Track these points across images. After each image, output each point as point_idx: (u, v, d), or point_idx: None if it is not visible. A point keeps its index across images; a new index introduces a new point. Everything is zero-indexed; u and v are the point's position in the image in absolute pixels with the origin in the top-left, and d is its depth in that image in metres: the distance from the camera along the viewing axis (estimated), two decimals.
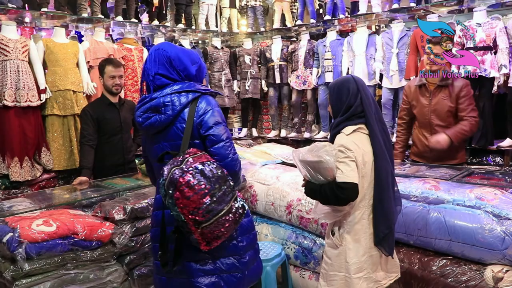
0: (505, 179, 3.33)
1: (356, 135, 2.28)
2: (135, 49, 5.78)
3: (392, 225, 2.34)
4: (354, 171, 2.19)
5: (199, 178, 1.82)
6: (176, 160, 1.88)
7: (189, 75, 2.13)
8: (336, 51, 6.15)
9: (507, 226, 2.50)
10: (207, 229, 1.84)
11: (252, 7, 7.67)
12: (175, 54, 2.11)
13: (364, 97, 2.32)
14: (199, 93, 2.08)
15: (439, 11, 5.65)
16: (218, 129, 2.03)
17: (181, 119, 2.03)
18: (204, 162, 1.88)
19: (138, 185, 3.29)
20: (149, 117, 2.05)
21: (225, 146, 2.03)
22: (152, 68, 2.08)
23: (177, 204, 1.81)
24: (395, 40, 5.55)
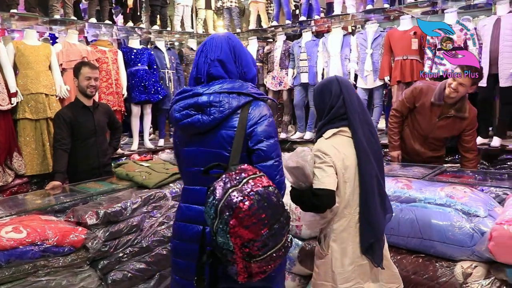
0: (474, 177, 3.41)
1: (337, 139, 2.18)
2: (109, 51, 5.73)
3: (379, 234, 2.18)
4: (331, 177, 2.08)
5: (260, 206, 1.55)
6: (231, 178, 1.61)
7: (248, 73, 1.90)
8: (311, 52, 6.21)
9: (476, 223, 2.56)
10: (257, 263, 1.61)
11: (228, 8, 7.71)
12: (240, 46, 1.89)
13: (347, 98, 2.20)
14: (252, 98, 1.80)
15: (413, 12, 5.77)
16: (269, 144, 1.76)
17: (229, 125, 1.76)
18: (267, 186, 1.60)
19: (112, 189, 3.26)
20: (189, 115, 1.79)
21: (274, 165, 1.76)
22: (213, 53, 1.82)
23: (231, 232, 1.55)
24: (369, 41, 5.63)
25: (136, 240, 2.85)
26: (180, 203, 1.95)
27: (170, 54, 6.56)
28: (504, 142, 4.97)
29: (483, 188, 3.05)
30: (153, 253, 2.89)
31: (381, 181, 2.22)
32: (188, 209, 1.89)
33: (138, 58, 6.01)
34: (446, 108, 3.65)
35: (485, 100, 4.94)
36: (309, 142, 6.37)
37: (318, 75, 6.13)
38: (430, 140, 3.79)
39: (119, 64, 5.81)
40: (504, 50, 4.61)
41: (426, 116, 3.73)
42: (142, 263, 2.81)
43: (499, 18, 4.74)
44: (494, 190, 3.04)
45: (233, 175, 1.62)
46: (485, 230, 2.49)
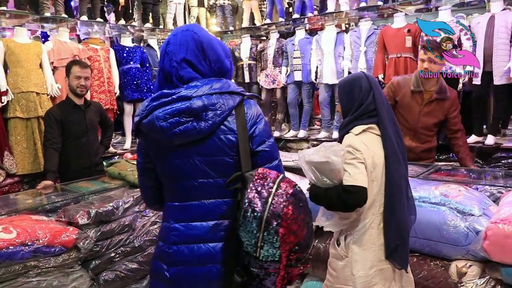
0: (469, 175, 3.41)
1: (366, 135, 2.11)
2: (101, 49, 5.70)
3: (406, 235, 2.11)
4: (363, 174, 2.00)
5: (298, 207, 1.49)
6: (262, 185, 1.50)
7: (222, 69, 1.69)
8: (305, 50, 6.20)
9: (470, 222, 2.56)
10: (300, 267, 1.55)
11: (220, 6, 7.70)
12: (208, 40, 1.66)
13: (378, 94, 2.15)
14: (242, 96, 1.65)
15: (406, 10, 5.78)
16: (271, 144, 1.65)
17: (226, 128, 1.59)
18: (294, 185, 1.53)
19: (104, 188, 3.24)
20: (181, 122, 1.55)
21: (279, 165, 1.67)
22: (178, 53, 1.61)
23: (281, 241, 1.46)
24: (363, 39, 5.63)
25: (128, 239, 2.83)
26: (171, 224, 1.66)
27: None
28: (498, 140, 4.99)
29: (477, 186, 3.05)
30: (146, 252, 2.88)
31: (408, 182, 2.18)
32: (188, 228, 1.63)
33: (130, 56, 5.99)
34: (427, 94, 3.68)
35: (479, 98, 4.95)
36: (303, 140, 6.38)
37: (311, 73, 6.13)
38: (419, 132, 3.77)
39: (111, 62, 5.79)
40: (498, 48, 4.62)
41: (409, 108, 3.73)
42: (134, 263, 2.80)
43: (493, 15, 4.74)
44: (488, 188, 3.04)
45: (260, 182, 1.51)
46: (480, 229, 2.49)
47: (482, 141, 4.96)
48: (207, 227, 1.61)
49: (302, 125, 6.45)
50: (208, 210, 1.61)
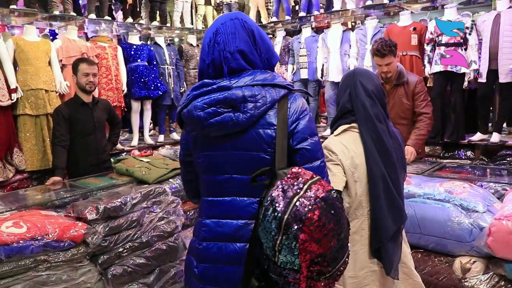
0: (474, 172, 3.42)
1: (347, 135, 2.09)
2: (109, 47, 5.72)
3: (384, 239, 2.00)
4: (336, 176, 1.97)
5: (327, 214, 1.32)
6: (289, 185, 1.36)
7: (271, 60, 1.61)
8: (311, 48, 6.21)
9: (475, 218, 2.57)
10: (326, 281, 1.38)
11: (227, 4, 7.70)
12: (257, 29, 1.57)
13: (353, 91, 2.08)
14: (288, 90, 1.54)
15: (412, 8, 5.76)
16: (314, 142, 1.52)
17: (265, 122, 1.50)
18: (329, 191, 1.36)
19: (112, 184, 3.26)
20: (218, 113, 1.48)
21: (321, 166, 1.53)
22: (231, 43, 1.51)
23: (301, 248, 1.30)
24: (369, 37, 5.62)
25: (136, 235, 2.84)
26: (204, 220, 1.62)
27: (170, 50, 6.53)
28: (503, 138, 4.98)
29: (482, 183, 3.06)
30: (153, 248, 2.89)
31: (390, 183, 2.01)
32: (218, 225, 1.58)
33: (137, 54, 6.00)
34: (388, 85, 3.68)
35: (484, 96, 4.95)
36: None
37: (317, 71, 6.13)
38: (396, 122, 3.75)
39: (119, 60, 5.81)
40: (504, 46, 4.60)
41: None
42: (142, 258, 2.81)
43: (499, 13, 4.72)
44: (493, 185, 3.04)
45: (290, 181, 1.37)
46: (484, 226, 2.50)
47: (487, 138, 4.97)
48: (237, 225, 1.54)
49: None
50: (240, 207, 1.54)
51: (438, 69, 4.88)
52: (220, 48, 1.52)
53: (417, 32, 5.16)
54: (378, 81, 2.17)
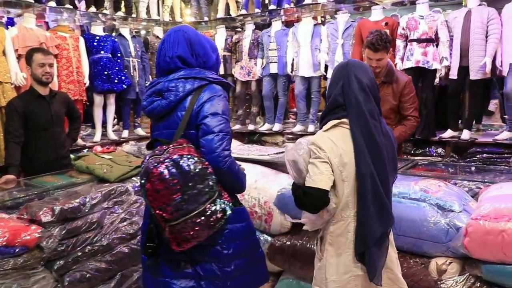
0: (447, 170, 3.38)
1: (336, 131, 1.97)
2: (70, 37, 5.45)
3: (370, 243, 1.91)
4: (324, 175, 1.89)
5: (173, 172, 1.73)
6: (159, 150, 1.81)
7: (208, 62, 2.05)
8: (281, 42, 6.10)
9: (451, 218, 2.51)
10: (175, 228, 1.76)
11: None
12: (196, 37, 2.03)
13: (346, 84, 1.96)
14: (207, 81, 1.97)
15: (384, 3, 5.72)
16: (213, 120, 1.89)
17: (183, 106, 1.93)
18: (184, 155, 1.77)
19: (71, 183, 3.07)
20: (152, 101, 1.99)
21: (215, 139, 1.87)
22: (171, 50, 1.98)
23: (147, 195, 1.77)
24: (340, 31, 5.55)
25: (96, 238, 2.69)
26: None
27: (135, 42, 6.34)
28: (473, 135, 4.99)
29: (456, 182, 3.01)
30: (114, 251, 2.74)
31: (378, 183, 1.90)
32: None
33: (101, 45, 5.76)
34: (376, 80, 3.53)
35: (455, 93, 4.96)
36: (278, 134, 6.28)
37: (287, 65, 6.03)
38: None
39: (81, 51, 5.56)
40: (475, 43, 4.61)
41: None
42: (102, 262, 2.66)
43: (470, 10, 4.73)
44: (467, 184, 3.00)
45: (163, 147, 1.82)
46: (460, 226, 2.44)
47: (458, 135, 4.97)
48: None
49: (277, 118, 6.35)
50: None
51: (410, 65, 4.85)
52: (163, 53, 2.00)
53: (389, 27, 5.11)
54: (372, 74, 2.06)
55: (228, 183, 1.95)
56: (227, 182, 1.94)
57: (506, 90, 4.56)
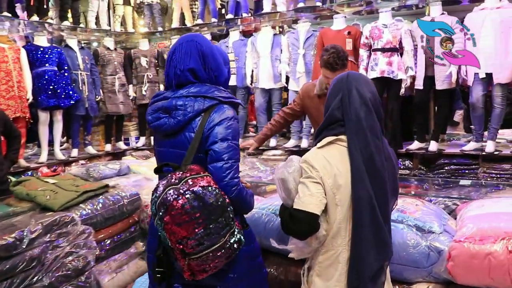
0: (421, 186, 3.25)
1: (332, 149, 1.79)
2: (9, 48, 5.06)
3: (366, 278, 1.71)
4: (314, 197, 1.72)
5: (195, 205, 1.68)
6: (174, 177, 1.74)
7: (219, 76, 1.98)
8: (239, 52, 5.92)
9: (431, 240, 2.36)
10: (195, 261, 1.73)
11: (148, 4, 7.33)
12: (210, 50, 1.95)
13: (346, 97, 1.79)
14: (217, 101, 1.89)
15: (345, 12, 5.64)
16: (222, 146, 1.82)
17: (191, 127, 1.87)
18: (205, 186, 1.72)
19: (7, 214, 2.73)
20: (159, 117, 1.92)
21: (224, 167, 1.81)
22: (182, 62, 1.90)
23: (165, 228, 1.70)
24: (301, 41, 5.41)
25: (36, 277, 2.38)
26: None
27: (84, 53, 6.05)
28: (440, 146, 4.93)
29: (431, 198, 2.89)
30: None
31: (377, 210, 1.71)
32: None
33: (45, 57, 5.41)
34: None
35: (421, 103, 4.89)
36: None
37: (246, 77, 5.85)
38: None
39: (22, 64, 5.18)
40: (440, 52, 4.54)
41: (317, 109, 3.32)
42: None
43: (433, 19, 4.68)
44: (442, 200, 2.89)
45: (178, 175, 1.74)
46: (442, 248, 2.31)
47: (425, 147, 4.90)
48: None
49: None
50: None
51: (374, 75, 4.75)
52: (174, 65, 1.92)
53: (352, 36, 5.02)
54: (375, 87, 1.88)
55: (237, 209, 1.88)
56: (235, 208, 1.86)
57: (471, 100, 4.53)
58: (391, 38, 4.76)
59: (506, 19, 4.29)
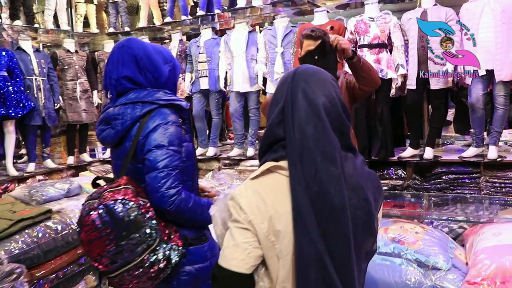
0: (420, 204, 2.80)
1: (270, 180, 1.29)
2: None
3: None
4: (240, 249, 1.24)
5: (106, 219, 1.62)
6: (97, 192, 1.74)
7: (159, 78, 1.88)
8: (211, 52, 5.47)
9: (437, 279, 1.94)
10: (113, 280, 1.68)
11: (113, 2, 6.89)
12: (143, 52, 1.86)
13: (289, 106, 1.28)
14: (156, 105, 1.79)
15: (327, 6, 5.25)
16: (157, 154, 1.72)
17: (130, 136, 1.79)
18: (118, 200, 1.64)
19: None
20: (102, 129, 1.87)
21: (158, 176, 1.70)
22: (115, 70, 1.84)
23: (83, 245, 1.70)
24: (279, 38, 4.97)
25: None
26: None
27: (40, 57, 5.58)
28: (436, 152, 4.55)
29: (432, 221, 2.45)
30: None
31: (330, 271, 1.18)
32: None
33: None
34: None
35: (414, 105, 4.47)
36: (213, 159, 5.59)
37: (220, 80, 5.39)
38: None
39: None
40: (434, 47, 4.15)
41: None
42: None
43: (425, 10, 4.31)
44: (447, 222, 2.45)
45: (101, 189, 1.72)
46: None
47: (420, 154, 4.50)
48: None
49: (212, 141, 5.66)
50: None
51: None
52: (108, 75, 1.87)
53: (335, 31, 4.56)
54: (337, 87, 1.35)
55: (182, 222, 1.78)
56: (180, 221, 1.77)
57: (471, 100, 4.13)
58: (378, 32, 4.34)
59: (508, 8, 3.90)
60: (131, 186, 1.71)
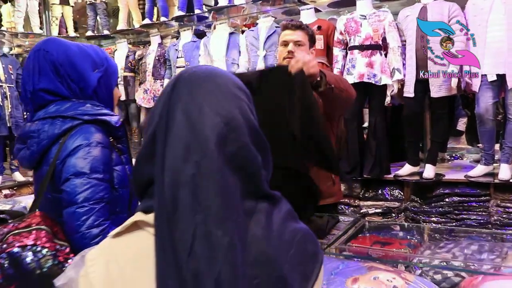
0: (408, 241, 2.28)
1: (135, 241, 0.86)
2: None
3: None
4: None
5: (9, 272, 1.31)
6: (1, 231, 1.41)
7: (86, 89, 1.63)
8: (190, 57, 5.07)
9: None
10: None
11: (91, 3, 6.56)
12: (64, 57, 1.60)
13: (163, 131, 0.81)
14: (80, 121, 1.54)
15: (317, 4, 4.80)
16: (76, 183, 1.46)
17: (48, 159, 1.54)
18: (28, 246, 1.34)
19: None
20: (19, 149, 1.62)
21: (78, 212, 1.44)
22: (31, 81, 1.58)
23: None
24: (261, 40, 4.53)
25: None
26: None
27: (7, 62, 5.41)
28: (439, 169, 4.07)
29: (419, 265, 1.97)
30: None
31: None
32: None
33: None
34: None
35: (413, 115, 3.99)
36: None
37: None
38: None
39: None
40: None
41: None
42: None
43: (425, 6, 3.84)
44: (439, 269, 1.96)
45: (5, 229, 1.41)
46: None
47: (419, 172, 4.00)
48: None
49: None
50: None
51: (352, 80, 3.84)
52: (23, 87, 1.63)
53: (323, 32, 4.14)
54: (246, 100, 0.88)
55: None
56: None
57: (478, 110, 3.63)
58: (371, 32, 3.88)
59: None
60: (46, 226, 1.42)
